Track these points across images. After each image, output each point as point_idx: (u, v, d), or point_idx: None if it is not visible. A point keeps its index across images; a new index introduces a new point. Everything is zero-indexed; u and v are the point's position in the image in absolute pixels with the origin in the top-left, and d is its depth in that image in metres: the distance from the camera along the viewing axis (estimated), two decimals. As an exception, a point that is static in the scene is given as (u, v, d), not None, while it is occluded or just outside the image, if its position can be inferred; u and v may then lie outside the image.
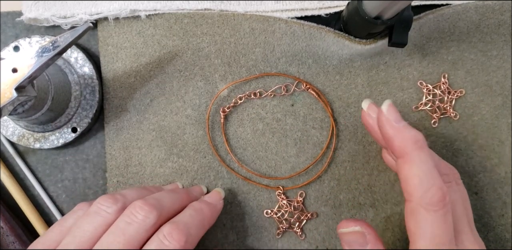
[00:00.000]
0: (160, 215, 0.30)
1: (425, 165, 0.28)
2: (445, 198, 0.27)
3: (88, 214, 0.30)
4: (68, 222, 0.32)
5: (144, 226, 0.29)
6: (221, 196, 0.36)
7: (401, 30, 0.33)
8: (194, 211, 0.32)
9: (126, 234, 0.29)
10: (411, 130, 0.29)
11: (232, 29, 0.37)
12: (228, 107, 0.38)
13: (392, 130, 0.29)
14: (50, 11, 0.37)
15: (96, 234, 0.29)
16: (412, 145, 0.28)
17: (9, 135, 0.38)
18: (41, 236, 0.31)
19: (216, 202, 0.35)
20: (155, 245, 0.29)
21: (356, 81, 0.38)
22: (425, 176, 0.28)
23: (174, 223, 0.30)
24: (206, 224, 0.32)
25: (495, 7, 0.37)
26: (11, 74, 0.30)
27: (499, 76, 0.38)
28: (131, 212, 0.30)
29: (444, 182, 0.28)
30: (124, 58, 0.38)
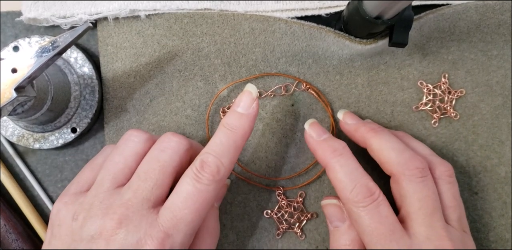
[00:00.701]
0: (191, 144, 0.31)
1: (344, 168, 0.31)
2: (372, 192, 0.30)
3: (117, 147, 0.31)
4: (98, 160, 0.33)
5: (177, 152, 0.30)
6: (253, 97, 0.32)
7: (401, 30, 0.33)
8: (224, 133, 0.30)
9: (161, 161, 0.29)
10: (330, 141, 0.33)
11: (232, 29, 0.37)
12: (228, 108, 0.38)
13: (313, 144, 0.33)
14: (49, 11, 0.37)
15: (128, 164, 0.30)
16: (330, 154, 0.32)
17: (9, 135, 0.37)
18: (75, 178, 0.32)
19: (248, 110, 0.31)
20: (188, 179, 0.28)
21: (356, 81, 0.38)
22: (346, 178, 0.31)
23: (204, 155, 0.29)
24: (239, 144, 0.30)
25: (495, 7, 0.37)
26: (11, 74, 0.30)
27: (500, 76, 0.38)
28: (163, 140, 0.30)
29: (416, 176, 0.31)
30: (124, 58, 0.38)
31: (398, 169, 0.31)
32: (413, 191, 0.31)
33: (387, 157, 0.32)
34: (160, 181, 0.29)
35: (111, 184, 0.29)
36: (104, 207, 0.28)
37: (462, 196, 0.34)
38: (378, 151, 0.33)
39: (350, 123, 0.35)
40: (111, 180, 0.30)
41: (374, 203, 0.30)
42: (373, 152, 0.33)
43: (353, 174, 0.31)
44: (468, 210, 0.38)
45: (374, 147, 0.33)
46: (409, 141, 0.36)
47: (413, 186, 0.31)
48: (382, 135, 0.33)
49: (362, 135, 0.34)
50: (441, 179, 0.33)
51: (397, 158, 0.32)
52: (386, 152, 0.32)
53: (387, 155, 0.32)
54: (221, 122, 0.31)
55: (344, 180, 0.31)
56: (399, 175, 0.31)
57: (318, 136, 0.33)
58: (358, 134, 0.34)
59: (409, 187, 0.31)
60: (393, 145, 0.32)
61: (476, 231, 0.38)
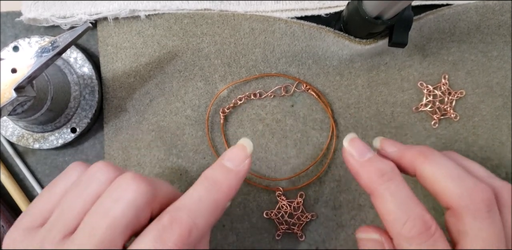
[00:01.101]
0: (156, 193, 0.25)
1: (396, 197, 0.26)
2: (428, 227, 0.25)
3: (79, 183, 0.26)
4: (57, 187, 0.27)
5: (133, 205, 0.24)
6: (246, 153, 0.28)
7: (401, 30, 0.33)
8: (205, 188, 0.26)
9: (110, 216, 0.23)
10: (376, 163, 0.28)
11: (232, 29, 0.37)
12: (228, 108, 0.38)
13: (356, 166, 0.28)
14: (49, 11, 0.37)
15: (86, 208, 0.25)
16: (378, 179, 0.27)
17: (9, 135, 0.37)
18: (30, 206, 0.27)
19: (238, 166, 0.27)
20: (151, 238, 0.23)
21: (356, 82, 0.38)
22: (397, 209, 0.26)
23: (175, 212, 0.24)
24: (221, 204, 0.26)
25: (495, 7, 0.37)
26: (11, 74, 0.30)
27: (500, 77, 0.38)
28: (121, 184, 0.24)
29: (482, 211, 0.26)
30: (124, 58, 0.38)
31: (459, 202, 0.26)
32: (477, 229, 0.26)
33: (445, 187, 0.27)
34: (108, 241, 0.23)
35: (60, 232, 0.25)
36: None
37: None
38: (431, 180, 0.27)
39: (392, 151, 0.30)
40: (62, 228, 0.25)
41: (430, 240, 0.25)
42: (425, 180, 0.28)
43: (406, 204, 0.26)
44: (468, 211, 0.38)
45: (427, 175, 0.27)
46: (462, 161, 0.30)
47: (478, 223, 0.26)
48: (434, 159, 0.28)
49: (410, 161, 0.28)
50: (504, 206, 0.27)
51: (457, 188, 0.26)
52: (443, 181, 0.27)
53: (444, 184, 0.27)
54: (203, 173, 0.27)
55: (395, 211, 0.26)
56: (461, 209, 0.26)
57: (360, 155, 0.28)
58: (404, 160, 0.29)
59: (472, 224, 0.26)
60: (450, 172, 0.27)
61: (476, 232, 0.38)
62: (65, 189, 0.27)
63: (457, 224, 0.27)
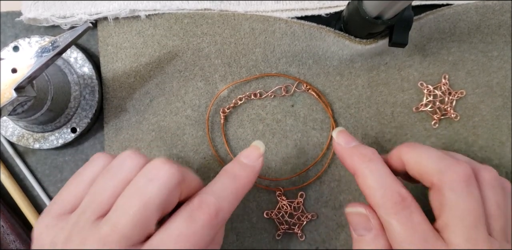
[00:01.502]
0: (184, 177, 0.27)
1: (374, 174, 0.29)
2: (404, 198, 0.28)
3: (110, 168, 0.28)
4: (84, 176, 0.29)
5: (166, 185, 0.26)
6: (260, 152, 0.32)
7: (401, 30, 0.33)
8: (228, 178, 0.29)
9: (146, 194, 0.25)
10: (360, 148, 0.31)
11: (232, 29, 0.37)
12: (228, 108, 0.38)
13: (342, 151, 0.32)
14: (49, 11, 0.37)
15: (117, 192, 0.27)
16: (359, 159, 0.30)
17: (9, 135, 0.37)
18: (59, 194, 0.29)
19: (253, 162, 0.31)
20: (183, 217, 0.26)
21: (356, 82, 0.38)
22: (376, 184, 0.29)
23: (204, 194, 0.27)
24: (241, 192, 0.29)
25: (495, 7, 0.37)
26: (11, 74, 0.30)
27: (500, 77, 0.38)
28: (154, 167, 0.27)
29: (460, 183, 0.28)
30: (124, 58, 0.38)
31: (439, 177, 0.28)
32: (456, 200, 0.28)
33: (426, 166, 0.29)
34: (143, 219, 0.25)
35: (94, 213, 0.26)
36: (81, 238, 0.25)
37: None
38: (415, 163, 0.30)
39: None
40: (95, 209, 0.26)
41: (405, 209, 0.28)
42: (411, 166, 0.30)
43: (383, 179, 0.29)
44: (468, 211, 0.38)
45: (411, 160, 0.30)
46: (446, 152, 0.32)
47: (457, 195, 0.28)
48: (417, 147, 0.31)
49: (397, 153, 0.31)
50: (484, 185, 0.29)
51: (437, 164, 0.29)
52: (424, 161, 0.29)
53: (426, 164, 0.29)
54: (223, 168, 0.30)
55: (374, 185, 0.29)
56: (440, 183, 0.28)
57: (346, 143, 0.32)
58: (393, 156, 0.32)
59: (451, 196, 0.28)
60: (430, 154, 0.30)
61: (476, 232, 0.38)
62: (92, 176, 0.29)
63: (438, 198, 0.29)
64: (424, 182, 0.30)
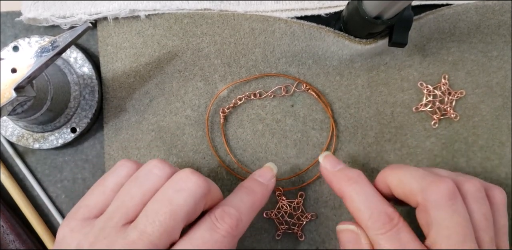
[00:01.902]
0: (210, 188, 0.28)
1: (360, 196, 0.30)
2: (391, 218, 0.28)
3: (137, 177, 0.29)
4: (109, 182, 0.30)
5: (194, 195, 0.27)
6: (273, 173, 0.34)
7: (401, 30, 0.33)
8: (245, 193, 0.31)
9: (174, 204, 0.27)
10: (345, 171, 0.32)
11: (232, 29, 0.37)
12: (227, 108, 0.38)
13: (328, 175, 0.33)
14: (49, 11, 0.37)
15: (144, 200, 0.28)
16: (345, 183, 0.31)
17: (9, 135, 0.37)
18: (83, 199, 0.30)
19: (267, 181, 0.33)
20: (206, 227, 0.27)
21: (356, 82, 0.38)
22: (362, 205, 0.29)
23: (226, 206, 0.29)
24: (257, 207, 0.31)
25: (495, 7, 0.37)
26: (10, 74, 0.30)
27: (500, 77, 0.38)
28: (181, 178, 0.28)
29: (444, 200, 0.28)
30: (124, 58, 0.38)
31: (422, 195, 0.28)
32: (441, 218, 0.28)
33: (409, 186, 0.29)
34: (170, 227, 0.26)
35: (121, 219, 0.27)
36: (108, 243, 0.26)
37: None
38: (398, 184, 0.30)
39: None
40: (122, 216, 0.27)
41: (393, 229, 0.28)
42: (394, 187, 0.31)
43: (369, 201, 0.29)
44: (468, 211, 0.38)
45: (394, 182, 0.31)
46: (427, 168, 0.33)
47: (442, 212, 0.28)
48: (399, 168, 0.31)
49: (382, 177, 0.32)
50: (468, 198, 0.29)
51: (420, 183, 0.29)
52: (407, 182, 0.30)
53: (408, 183, 0.29)
54: (240, 184, 0.32)
55: (361, 207, 0.29)
56: (425, 202, 0.28)
57: (332, 166, 0.33)
58: (377, 180, 0.32)
59: (436, 214, 0.28)
60: (412, 173, 0.30)
61: (476, 232, 0.38)
62: (116, 183, 0.30)
63: (424, 217, 0.29)
64: (410, 202, 0.30)
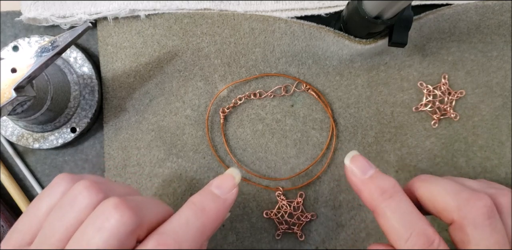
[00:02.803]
0: (142, 220, 0.24)
1: (396, 213, 0.26)
2: (431, 241, 0.26)
3: (61, 206, 0.25)
4: (43, 204, 0.26)
5: (116, 235, 0.23)
6: (234, 183, 0.28)
7: (401, 29, 0.33)
8: (193, 213, 0.25)
9: (93, 245, 0.22)
10: (378, 180, 0.28)
11: (232, 29, 0.37)
12: (228, 108, 0.38)
13: (358, 184, 0.28)
14: (49, 11, 0.37)
15: (68, 235, 0.24)
16: (379, 197, 0.27)
17: (8, 135, 0.37)
18: (17, 223, 0.26)
19: (225, 194, 0.27)
20: None
21: (356, 82, 0.38)
22: (399, 225, 0.26)
23: (162, 236, 0.24)
24: (208, 229, 0.26)
25: (495, 7, 0.37)
26: (10, 74, 0.30)
27: (499, 77, 0.38)
28: (103, 212, 0.23)
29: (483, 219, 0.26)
30: (124, 58, 0.38)
31: (459, 214, 0.26)
32: (480, 237, 0.26)
33: (443, 203, 0.27)
34: None
35: None
36: None
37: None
38: (431, 199, 0.28)
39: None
40: (49, 246, 0.24)
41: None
42: (426, 202, 0.28)
43: (407, 220, 0.26)
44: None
45: (426, 196, 0.28)
46: (456, 179, 0.30)
47: (480, 232, 0.26)
48: (431, 180, 0.29)
49: (411, 187, 0.29)
50: (504, 213, 0.27)
51: (455, 201, 0.27)
52: (440, 197, 0.27)
53: (443, 200, 0.27)
54: (190, 199, 0.26)
55: (397, 227, 0.26)
56: (461, 220, 0.26)
57: (362, 173, 0.28)
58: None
59: (475, 234, 0.26)
60: (445, 188, 0.28)
61: (476, 232, 0.38)
62: (49, 205, 0.26)
63: (460, 235, 0.26)
64: (442, 218, 0.28)
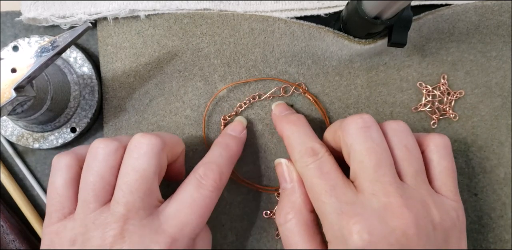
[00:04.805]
0: (164, 141, 0.30)
1: (295, 134, 0.33)
2: (316, 152, 0.31)
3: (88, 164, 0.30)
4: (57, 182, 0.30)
5: (153, 156, 0.29)
6: (243, 126, 0.37)
7: (400, 30, 0.33)
8: (222, 149, 0.33)
9: (140, 170, 0.28)
10: (289, 115, 0.35)
11: (231, 29, 0.37)
12: (229, 116, 0.38)
13: (275, 119, 0.36)
14: (49, 11, 0.37)
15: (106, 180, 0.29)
16: (286, 124, 0.34)
17: (8, 135, 0.37)
18: (48, 207, 0.30)
19: (239, 134, 0.36)
20: (193, 185, 0.30)
21: (355, 82, 0.38)
22: (295, 142, 0.32)
23: (207, 164, 0.31)
24: (234, 159, 0.34)
25: (494, 8, 0.37)
26: (10, 74, 0.30)
27: (499, 77, 0.38)
28: (135, 145, 0.29)
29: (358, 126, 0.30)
30: (124, 58, 0.38)
31: (341, 128, 0.31)
32: (356, 143, 0.29)
33: (333, 128, 0.33)
34: (147, 190, 0.28)
35: (97, 203, 0.28)
36: (99, 225, 0.28)
37: (461, 197, 0.32)
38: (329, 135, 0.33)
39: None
40: (96, 200, 0.28)
41: (317, 161, 0.30)
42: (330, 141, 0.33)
43: (301, 138, 0.32)
44: (468, 211, 0.38)
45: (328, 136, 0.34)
46: None
47: (355, 139, 0.29)
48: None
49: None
50: (388, 132, 0.31)
51: (339, 122, 0.32)
52: (332, 127, 0.33)
53: (333, 127, 0.33)
54: (215, 141, 0.35)
55: (293, 144, 0.32)
56: (342, 133, 0.30)
57: (280, 112, 0.36)
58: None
59: (351, 141, 0.30)
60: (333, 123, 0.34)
61: (475, 232, 0.38)
62: (64, 179, 0.30)
63: (346, 151, 0.30)
64: (342, 148, 0.31)
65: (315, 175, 0.30)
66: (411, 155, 0.30)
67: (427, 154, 0.31)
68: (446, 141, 0.32)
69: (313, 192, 0.30)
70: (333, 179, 0.29)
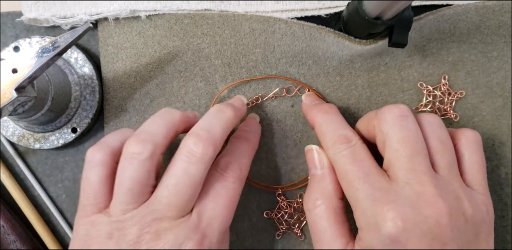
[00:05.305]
0: (215, 147, 0.29)
1: (327, 122, 0.33)
2: (349, 140, 0.31)
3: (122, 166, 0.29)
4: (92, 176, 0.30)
5: (205, 163, 0.29)
6: (257, 121, 0.37)
7: (401, 30, 0.33)
8: (242, 142, 0.34)
9: (190, 175, 0.28)
10: (320, 105, 0.35)
11: (232, 29, 0.37)
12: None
13: (306, 109, 0.36)
14: (50, 11, 0.37)
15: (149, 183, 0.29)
16: (317, 113, 0.34)
17: (9, 135, 0.38)
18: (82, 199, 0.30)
19: (256, 129, 0.36)
20: (217, 181, 0.30)
21: (356, 83, 0.38)
22: (327, 130, 0.32)
23: (227, 157, 0.32)
24: (253, 151, 0.35)
25: (495, 8, 0.37)
26: (11, 74, 0.30)
27: (500, 78, 0.38)
28: (190, 150, 0.29)
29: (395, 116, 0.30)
30: (124, 59, 0.38)
31: (376, 117, 0.31)
32: (392, 132, 0.29)
33: (368, 117, 0.33)
34: (193, 194, 0.29)
35: (135, 204, 0.29)
36: (137, 223, 0.28)
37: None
38: (363, 124, 0.34)
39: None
40: (134, 201, 0.29)
41: (350, 148, 0.30)
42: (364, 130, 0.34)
43: (334, 126, 0.32)
44: (468, 212, 0.38)
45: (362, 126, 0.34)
46: None
47: (391, 128, 0.29)
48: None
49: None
50: (424, 123, 0.31)
51: (374, 112, 0.32)
52: (366, 116, 0.34)
53: (367, 117, 0.33)
54: (234, 135, 0.35)
55: (326, 131, 0.32)
56: (378, 121, 0.30)
57: (311, 102, 0.36)
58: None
59: (387, 129, 0.29)
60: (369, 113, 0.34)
61: (476, 233, 0.38)
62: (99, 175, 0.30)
63: (381, 139, 0.30)
64: (377, 136, 0.31)
65: (348, 161, 0.30)
66: (445, 147, 0.30)
67: (459, 148, 0.32)
68: (477, 136, 0.32)
69: (346, 178, 0.30)
70: (367, 166, 0.29)
